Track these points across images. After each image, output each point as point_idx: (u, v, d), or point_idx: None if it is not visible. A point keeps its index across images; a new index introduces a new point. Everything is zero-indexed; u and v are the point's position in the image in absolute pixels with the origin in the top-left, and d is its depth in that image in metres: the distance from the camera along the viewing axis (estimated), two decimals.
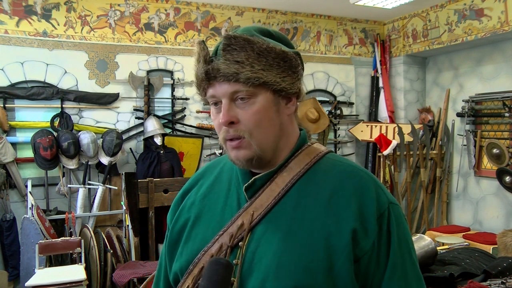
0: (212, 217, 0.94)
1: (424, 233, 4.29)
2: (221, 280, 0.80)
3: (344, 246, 0.80)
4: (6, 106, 3.87)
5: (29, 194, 3.69)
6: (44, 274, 3.31)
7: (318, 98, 5.04)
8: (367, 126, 5.15)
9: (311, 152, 0.93)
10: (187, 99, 4.55)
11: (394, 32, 5.39)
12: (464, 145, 4.74)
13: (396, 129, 4.83)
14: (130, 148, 4.35)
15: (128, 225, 3.90)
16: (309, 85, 5.08)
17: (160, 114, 4.45)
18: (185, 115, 4.58)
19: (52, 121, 4.00)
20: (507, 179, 4.22)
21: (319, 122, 4.84)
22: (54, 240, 3.54)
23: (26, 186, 3.81)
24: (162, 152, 4.22)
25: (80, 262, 3.51)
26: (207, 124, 4.64)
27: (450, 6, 4.63)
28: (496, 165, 4.37)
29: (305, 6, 4.87)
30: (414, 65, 5.37)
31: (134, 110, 4.38)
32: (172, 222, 1.01)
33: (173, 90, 4.53)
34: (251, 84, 0.84)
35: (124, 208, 4.00)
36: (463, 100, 4.79)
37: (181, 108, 4.55)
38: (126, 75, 4.32)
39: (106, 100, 4.24)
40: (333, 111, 5.23)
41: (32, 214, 3.58)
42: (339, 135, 5.31)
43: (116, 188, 4.18)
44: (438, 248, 2.21)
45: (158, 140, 4.17)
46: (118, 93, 4.30)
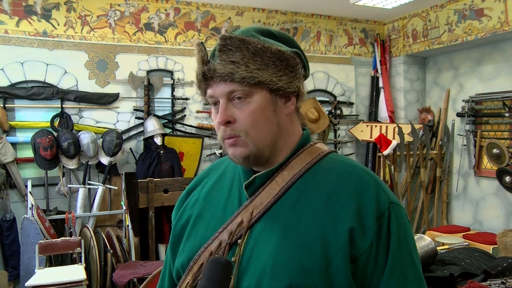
0: (214, 214, 0.95)
1: (424, 233, 4.28)
2: (220, 280, 0.80)
3: (341, 246, 0.80)
4: (6, 106, 3.87)
5: (29, 194, 3.69)
6: (44, 274, 3.31)
7: (318, 98, 5.04)
8: (367, 126, 5.15)
9: (313, 152, 0.93)
10: (187, 99, 4.56)
11: (394, 32, 5.39)
12: (464, 145, 4.74)
13: (396, 129, 4.83)
14: (130, 148, 4.35)
15: (128, 225, 3.90)
16: (309, 85, 5.07)
17: (160, 114, 4.45)
18: (185, 115, 4.58)
19: (52, 121, 4.00)
20: (507, 179, 4.21)
21: (319, 122, 4.84)
22: (54, 240, 3.54)
23: (26, 186, 3.81)
24: (162, 152, 4.22)
25: (80, 262, 3.51)
26: (207, 124, 4.64)
27: (450, 6, 4.63)
28: (496, 165, 4.37)
29: (305, 6, 4.87)
30: (414, 65, 5.37)
31: (134, 110, 4.38)
32: (176, 219, 1.03)
33: (173, 90, 4.53)
34: (247, 83, 0.84)
35: (124, 208, 4.00)
36: (463, 100, 4.79)
37: (181, 108, 4.55)
38: (126, 75, 4.33)
39: (106, 100, 4.24)
40: (333, 111, 5.23)
41: (32, 214, 3.58)
42: (339, 135, 5.31)
43: (116, 188, 4.18)
44: (438, 248, 2.21)
45: (158, 140, 4.17)
46: (118, 93, 4.30)
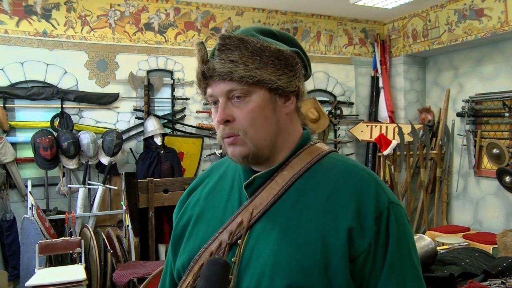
0: (214, 214, 0.95)
1: (424, 233, 4.28)
2: (219, 280, 0.80)
3: (340, 246, 0.79)
4: (6, 106, 3.87)
5: (29, 194, 3.69)
6: (44, 274, 3.31)
7: (318, 98, 5.04)
8: (367, 126, 5.15)
9: (313, 151, 0.93)
10: (187, 99, 4.56)
11: (394, 32, 5.39)
12: (464, 145, 4.74)
13: (396, 129, 4.83)
14: (130, 148, 4.35)
15: (128, 225, 3.90)
16: (309, 85, 5.07)
17: (160, 114, 4.45)
18: (185, 115, 4.58)
19: (52, 121, 4.00)
20: (507, 179, 4.21)
21: (319, 122, 4.84)
22: (54, 240, 3.54)
23: (26, 186, 3.81)
24: (162, 152, 4.22)
25: (80, 262, 3.51)
26: (207, 124, 4.64)
27: (450, 6, 4.63)
28: (496, 165, 4.37)
29: (305, 6, 4.87)
30: (414, 65, 5.37)
31: (134, 110, 4.38)
32: (177, 219, 1.03)
33: (173, 90, 4.53)
34: (245, 82, 0.84)
35: (124, 208, 4.00)
36: (463, 100, 4.79)
37: (181, 108, 4.55)
38: (126, 75, 4.33)
39: (106, 100, 4.24)
40: (333, 111, 5.23)
41: (32, 214, 3.58)
42: (339, 135, 5.31)
43: (116, 188, 4.18)
44: (438, 248, 2.21)
45: (158, 140, 4.17)
46: (118, 93, 4.30)
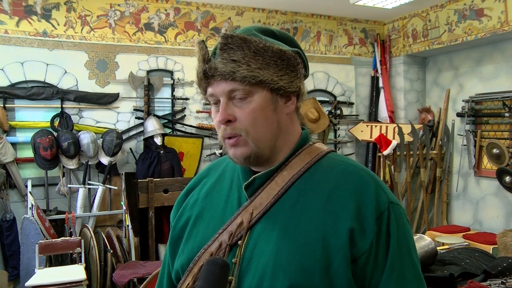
0: (213, 215, 0.94)
1: (424, 233, 4.28)
2: (217, 280, 0.80)
3: (341, 246, 0.79)
4: (6, 106, 3.87)
5: (29, 194, 3.69)
6: (44, 274, 3.31)
7: (318, 98, 5.04)
8: (367, 126, 5.15)
9: (312, 151, 0.92)
10: (187, 99, 4.55)
11: (394, 32, 5.39)
12: (464, 145, 4.73)
13: (396, 129, 4.83)
14: (130, 148, 4.35)
15: (128, 225, 3.90)
16: (309, 85, 5.07)
17: (160, 114, 4.45)
18: (185, 115, 4.58)
19: (52, 121, 4.00)
20: (507, 179, 4.21)
21: (319, 122, 4.84)
22: (54, 240, 3.54)
23: (26, 186, 3.81)
24: (162, 152, 4.22)
25: (80, 262, 3.51)
26: (207, 124, 4.64)
27: (450, 6, 4.63)
28: (496, 165, 4.37)
29: (305, 6, 4.87)
30: (414, 65, 5.37)
31: (134, 110, 4.38)
32: (175, 220, 1.02)
33: (173, 90, 4.53)
34: (248, 82, 0.84)
35: (124, 208, 4.00)
36: (463, 100, 4.79)
37: (181, 108, 4.55)
38: (126, 75, 4.33)
39: (106, 100, 4.24)
40: (333, 111, 5.23)
41: (32, 214, 3.58)
42: (339, 135, 5.31)
43: (116, 188, 4.18)
44: (438, 248, 2.21)
45: (158, 140, 4.17)
46: (118, 93, 4.30)
